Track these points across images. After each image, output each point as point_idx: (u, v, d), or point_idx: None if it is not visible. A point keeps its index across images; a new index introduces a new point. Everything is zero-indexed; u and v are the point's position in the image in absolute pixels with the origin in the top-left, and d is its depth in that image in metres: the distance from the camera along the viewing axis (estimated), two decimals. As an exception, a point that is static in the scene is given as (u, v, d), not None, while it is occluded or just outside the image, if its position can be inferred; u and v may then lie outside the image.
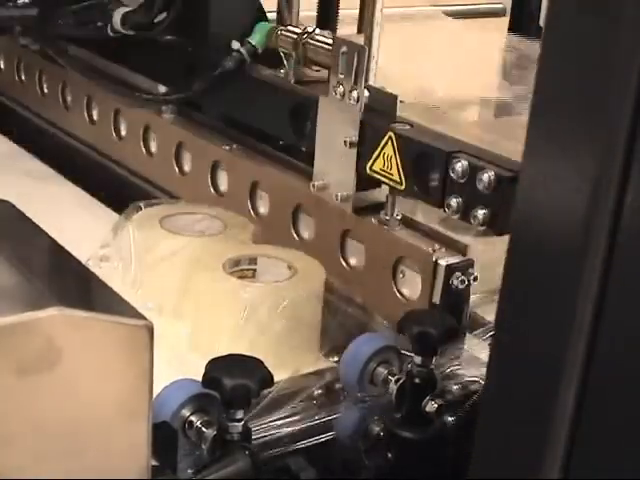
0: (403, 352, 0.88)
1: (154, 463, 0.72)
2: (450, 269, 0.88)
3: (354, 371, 0.90)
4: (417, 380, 0.86)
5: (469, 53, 1.10)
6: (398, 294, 0.94)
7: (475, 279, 0.89)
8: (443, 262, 0.88)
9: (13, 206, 0.80)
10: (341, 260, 0.99)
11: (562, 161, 0.51)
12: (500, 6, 1.08)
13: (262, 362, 0.80)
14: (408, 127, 0.93)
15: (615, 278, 0.50)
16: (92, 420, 0.66)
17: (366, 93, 0.94)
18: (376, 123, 0.94)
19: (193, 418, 0.80)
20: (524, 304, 0.55)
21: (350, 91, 0.94)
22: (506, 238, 0.55)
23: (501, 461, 0.58)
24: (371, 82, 0.96)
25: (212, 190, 1.15)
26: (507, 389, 0.57)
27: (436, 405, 0.85)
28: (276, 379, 0.80)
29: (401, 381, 0.87)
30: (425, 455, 0.88)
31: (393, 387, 0.87)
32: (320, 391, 0.93)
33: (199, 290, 1.00)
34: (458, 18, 1.06)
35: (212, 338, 0.96)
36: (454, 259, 0.89)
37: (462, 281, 0.88)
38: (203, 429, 0.80)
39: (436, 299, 0.89)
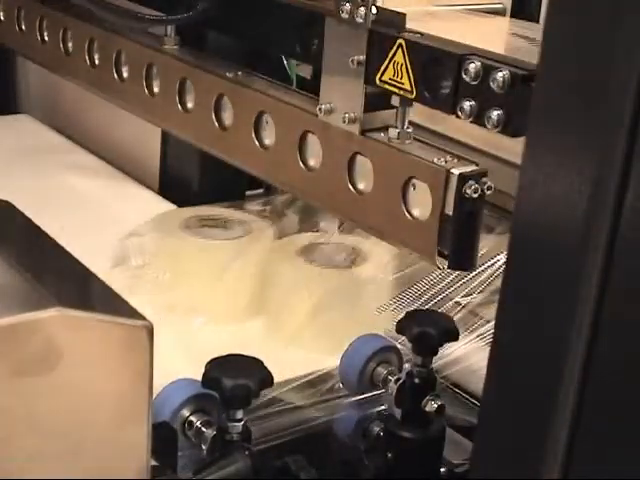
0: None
1: (154, 463, 0.72)
2: (463, 178, 0.84)
3: (354, 371, 0.91)
4: (417, 380, 0.86)
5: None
6: (408, 214, 0.90)
7: (489, 188, 0.85)
8: (456, 171, 0.85)
9: (13, 206, 0.80)
10: (349, 186, 0.97)
11: (562, 161, 0.51)
12: (500, 6, 1.08)
13: (262, 362, 0.80)
14: (418, 35, 0.92)
15: (615, 278, 0.50)
16: (92, 420, 0.66)
17: (374, 10, 0.92)
18: (385, 32, 0.92)
19: (193, 418, 0.81)
20: (524, 304, 0.55)
21: (357, 8, 0.92)
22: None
23: (501, 461, 0.58)
24: (379, 3, 0.94)
25: (216, 124, 1.13)
26: (507, 389, 0.57)
27: (436, 405, 0.86)
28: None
29: (401, 381, 0.87)
30: (425, 455, 0.88)
31: (393, 387, 0.87)
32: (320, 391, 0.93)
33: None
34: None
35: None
36: (467, 168, 0.86)
37: (475, 190, 0.84)
38: (203, 429, 0.80)
39: (449, 210, 0.85)
